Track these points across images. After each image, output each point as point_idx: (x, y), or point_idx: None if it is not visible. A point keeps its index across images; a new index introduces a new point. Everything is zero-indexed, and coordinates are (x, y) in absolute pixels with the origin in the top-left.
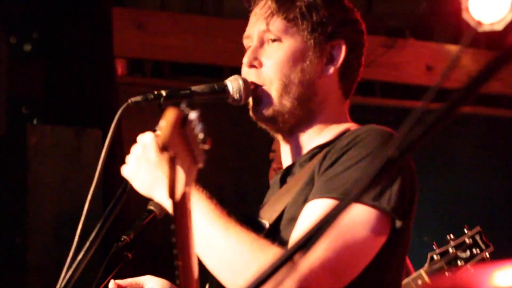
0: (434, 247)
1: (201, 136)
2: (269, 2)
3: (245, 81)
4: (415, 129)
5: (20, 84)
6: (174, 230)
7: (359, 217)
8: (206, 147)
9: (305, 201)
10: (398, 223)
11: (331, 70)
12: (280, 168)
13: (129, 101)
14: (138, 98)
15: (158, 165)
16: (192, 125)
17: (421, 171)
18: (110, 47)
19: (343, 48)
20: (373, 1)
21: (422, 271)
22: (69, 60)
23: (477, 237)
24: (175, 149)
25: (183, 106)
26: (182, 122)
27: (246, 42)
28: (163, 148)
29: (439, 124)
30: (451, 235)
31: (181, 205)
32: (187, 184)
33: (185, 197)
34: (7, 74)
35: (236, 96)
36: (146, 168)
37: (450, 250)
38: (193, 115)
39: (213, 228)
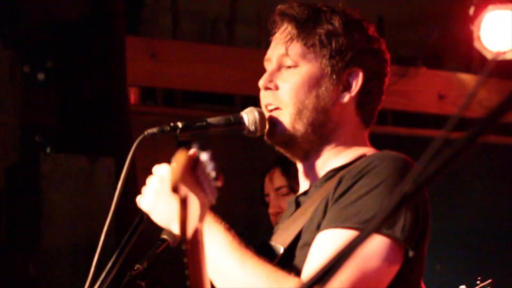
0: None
1: (213, 174)
2: (289, 28)
3: (260, 113)
4: (433, 161)
5: (34, 113)
6: (187, 264)
7: (373, 246)
8: (218, 184)
9: (318, 227)
10: (411, 253)
11: (347, 98)
12: (278, 212)
13: (146, 132)
14: (154, 130)
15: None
16: (203, 165)
17: (435, 200)
18: (124, 75)
19: (360, 76)
20: (385, 30)
21: None
22: (83, 89)
23: None
24: (186, 189)
25: (195, 147)
26: (193, 164)
27: (266, 65)
28: (174, 189)
29: (458, 156)
30: (464, 286)
31: (194, 241)
32: (199, 220)
33: (197, 233)
34: (20, 103)
35: (252, 128)
36: (164, 201)
37: None
38: (204, 156)
39: (231, 259)
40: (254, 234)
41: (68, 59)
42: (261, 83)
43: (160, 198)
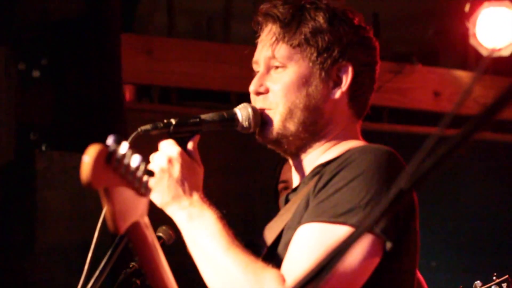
0: (494, 277)
1: (142, 167)
2: (274, 28)
3: (254, 109)
4: (428, 158)
5: (29, 110)
6: (139, 261)
7: None
8: (150, 177)
9: (299, 223)
10: (388, 245)
11: (338, 93)
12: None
13: (139, 129)
14: (148, 127)
15: (180, 182)
16: (123, 158)
17: (429, 196)
18: (119, 73)
19: (350, 70)
20: (380, 27)
21: None
22: (78, 86)
23: (504, 285)
24: (104, 183)
25: (109, 141)
26: (106, 158)
27: (255, 67)
28: (87, 184)
29: (453, 154)
30: (479, 282)
31: (134, 236)
32: (138, 214)
33: (139, 227)
34: (15, 100)
35: (245, 124)
36: (169, 183)
37: None
38: (123, 149)
39: (215, 246)
40: (251, 232)
41: (64, 56)
42: (252, 88)
43: (164, 179)
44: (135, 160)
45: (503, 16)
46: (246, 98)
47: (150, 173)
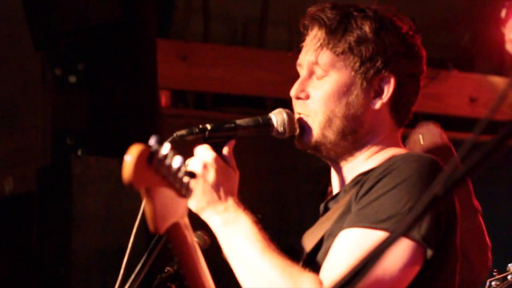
0: (495, 273)
1: (183, 169)
2: (319, 34)
3: (289, 114)
4: (463, 164)
5: (65, 115)
6: (178, 262)
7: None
8: (191, 179)
9: (340, 229)
10: (429, 253)
11: (379, 104)
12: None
13: (175, 134)
14: (183, 132)
15: (215, 187)
16: (164, 159)
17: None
18: (155, 78)
19: (392, 82)
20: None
21: None
22: (114, 91)
23: None
24: (146, 184)
25: (151, 141)
26: (148, 158)
27: (298, 70)
28: (128, 184)
29: (488, 159)
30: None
31: (173, 237)
32: (179, 215)
33: (179, 228)
34: (52, 106)
35: (280, 129)
36: (204, 188)
37: (509, 277)
38: (165, 150)
39: (252, 250)
40: (284, 236)
41: (100, 61)
42: (292, 92)
43: (199, 184)
44: (176, 161)
45: None
46: (281, 103)
47: (191, 175)
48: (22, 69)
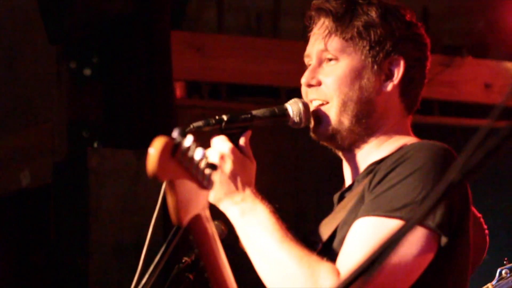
0: (505, 262)
1: (204, 161)
2: (327, 22)
3: (305, 104)
4: (478, 151)
5: (80, 108)
6: (199, 255)
7: None
8: (213, 171)
9: (355, 218)
10: (444, 240)
11: (390, 86)
12: None
13: (191, 126)
14: (200, 123)
15: (232, 178)
16: (187, 151)
17: (478, 188)
18: (169, 70)
19: (402, 64)
20: (429, 20)
21: (489, 285)
22: (129, 84)
23: None
24: (170, 175)
25: (174, 133)
26: (172, 150)
27: (306, 61)
28: (152, 176)
29: (504, 146)
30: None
31: (195, 229)
32: (200, 207)
33: (199, 220)
34: (67, 99)
35: (296, 119)
36: (221, 179)
37: None
38: (187, 142)
39: (269, 240)
40: (301, 227)
41: (114, 54)
42: (304, 80)
43: (216, 175)
44: (198, 153)
45: None
46: (296, 93)
47: (213, 167)
48: (37, 63)
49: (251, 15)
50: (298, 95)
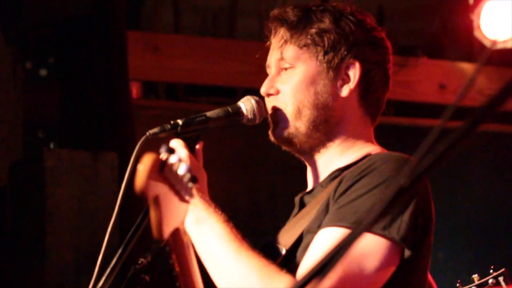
0: (458, 285)
1: (187, 176)
2: (282, 31)
3: (257, 101)
4: (430, 153)
5: (36, 109)
6: (173, 265)
7: (368, 246)
8: (195, 185)
9: (319, 227)
10: (407, 252)
11: (346, 90)
12: None
13: (147, 133)
14: (156, 130)
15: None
16: (173, 167)
17: (437, 187)
18: (126, 70)
19: (357, 67)
20: (385, 19)
21: None
22: (85, 84)
23: (501, 279)
24: (155, 191)
25: (162, 150)
26: (160, 167)
27: (268, 71)
28: (140, 192)
29: (457, 146)
30: (476, 275)
31: (174, 242)
32: (179, 221)
33: (178, 233)
34: (23, 99)
35: (250, 116)
36: None
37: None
38: (173, 158)
39: (226, 251)
40: (256, 226)
41: (70, 54)
42: (263, 90)
43: None
44: (182, 168)
45: (508, 8)
46: (251, 93)
47: (194, 180)
48: None
49: (208, 16)
50: (255, 95)
